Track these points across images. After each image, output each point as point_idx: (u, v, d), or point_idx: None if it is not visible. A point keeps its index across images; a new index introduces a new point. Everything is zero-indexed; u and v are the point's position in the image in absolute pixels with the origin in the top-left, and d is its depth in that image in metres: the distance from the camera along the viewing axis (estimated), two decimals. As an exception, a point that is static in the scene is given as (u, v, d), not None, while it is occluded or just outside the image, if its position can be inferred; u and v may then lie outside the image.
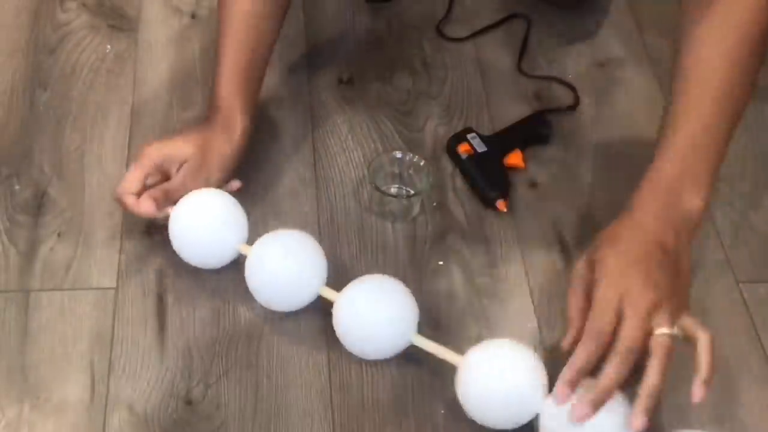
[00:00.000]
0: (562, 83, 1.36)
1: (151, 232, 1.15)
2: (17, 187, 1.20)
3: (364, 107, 1.32)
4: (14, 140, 1.26)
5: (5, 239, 1.15)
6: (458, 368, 0.99)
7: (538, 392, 0.96)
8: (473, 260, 1.16)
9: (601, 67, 1.39)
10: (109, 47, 1.39)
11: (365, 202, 1.21)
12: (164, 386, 1.03)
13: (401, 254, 1.16)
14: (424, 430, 1.02)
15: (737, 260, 1.18)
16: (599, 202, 1.22)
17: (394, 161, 1.21)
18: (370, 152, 1.27)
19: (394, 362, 1.06)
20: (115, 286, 1.11)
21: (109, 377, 1.04)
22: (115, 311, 1.09)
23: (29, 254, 1.14)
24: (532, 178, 1.25)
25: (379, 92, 1.35)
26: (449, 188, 1.23)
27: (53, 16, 1.42)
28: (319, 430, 1.01)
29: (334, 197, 1.22)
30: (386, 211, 1.19)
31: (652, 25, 1.45)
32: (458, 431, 1.02)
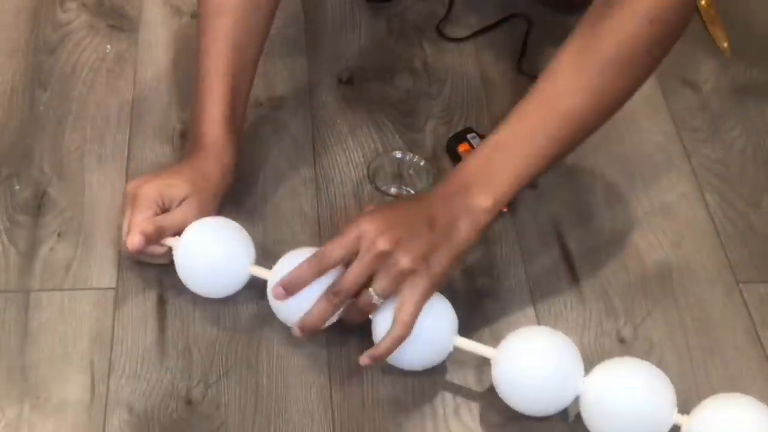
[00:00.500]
0: (562, 83, 1.36)
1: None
2: (17, 187, 1.20)
3: (364, 107, 1.32)
4: (14, 140, 1.26)
5: (5, 239, 1.15)
6: (494, 360, 1.00)
7: (579, 375, 0.98)
8: (473, 260, 1.16)
9: (601, 67, 1.39)
10: (109, 47, 1.39)
11: (365, 202, 1.21)
12: (164, 386, 1.03)
13: (401, 254, 1.16)
14: (424, 430, 1.02)
15: (737, 260, 1.18)
16: (599, 202, 1.22)
17: (394, 161, 1.21)
18: (370, 152, 1.27)
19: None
20: (115, 286, 1.11)
21: (109, 377, 1.03)
22: (115, 311, 1.09)
23: (29, 254, 1.14)
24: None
25: (379, 92, 1.35)
26: (449, 188, 1.23)
27: (53, 16, 1.42)
28: (319, 430, 1.01)
29: (334, 197, 1.22)
30: (386, 211, 1.19)
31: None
32: (458, 431, 1.02)
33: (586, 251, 1.17)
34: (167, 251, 1.08)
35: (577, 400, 0.99)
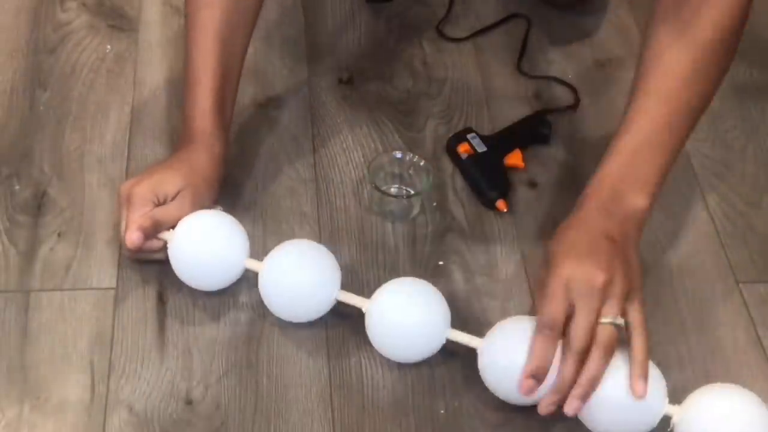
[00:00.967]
0: (562, 83, 1.36)
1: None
2: (17, 187, 1.20)
3: (364, 107, 1.32)
4: (14, 140, 1.26)
5: (5, 239, 1.15)
6: (479, 350, 1.00)
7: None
8: (473, 260, 1.16)
9: (601, 67, 1.39)
10: (109, 47, 1.39)
11: (365, 202, 1.21)
12: (164, 386, 1.03)
13: (401, 254, 1.16)
14: (424, 430, 1.02)
15: (737, 260, 1.18)
16: (599, 202, 1.22)
17: (394, 161, 1.21)
18: (370, 152, 1.27)
19: (394, 363, 1.06)
20: (115, 286, 1.11)
21: (109, 377, 1.04)
22: (115, 311, 1.09)
23: (29, 254, 1.14)
24: (531, 178, 1.25)
25: (379, 92, 1.35)
26: (449, 188, 1.23)
27: (53, 16, 1.42)
28: (319, 430, 1.01)
29: (334, 197, 1.22)
30: (386, 211, 1.19)
31: (652, 25, 1.45)
32: (458, 431, 1.02)
33: (586, 251, 1.17)
34: (164, 246, 1.08)
35: None
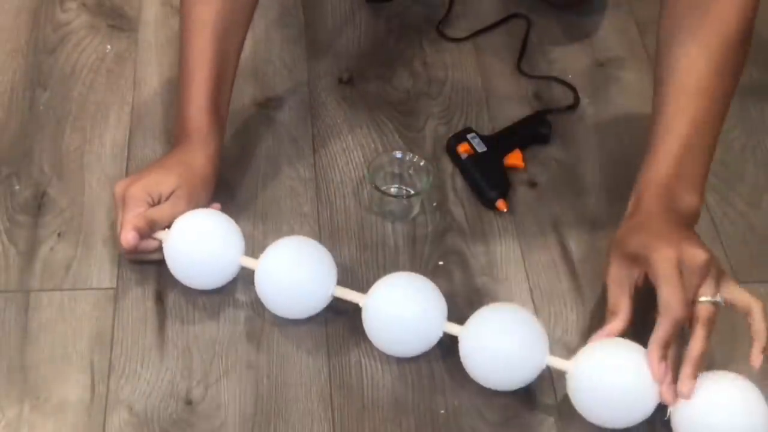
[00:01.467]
0: (562, 83, 1.36)
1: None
2: (17, 187, 1.20)
3: (364, 107, 1.32)
4: (14, 140, 1.26)
5: (5, 239, 1.15)
6: (460, 336, 1.02)
7: (544, 349, 1.00)
8: (473, 260, 1.16)
9: (601, 67, 1.39)
10: (109, 47, 1.39)
11: (365, 202, 1.21)
12: (164, 386, 1.03)
13: (401, 254, 1.16)
14: (424, 429, 1.02)
15: (737, 260, 1.18)
16: (599, 202, 1.22)
17: (394, 161, 1.21)
18: (370, 152, 1.27)
19: (394, 362, 1.06)
20: (115, 286, 1.11)
21: (109, 377, 1.04)
22: (115, 311, 1.09)
23: (29, 254, 1.14)
24: (531, 178, 1.25)
25: (379, 92, 1.35)
26: (449, 188, 1.23)
27: (53, 16, 1.42)
28: (319, 430, 1.01)
29: (334, 197, 1.22)
30: (386, 211, 1.19)
31: (652, 25, 1.44)
32: (458, 430, 1.02)
33: (586, 251, 1.17)
34: (160, 245, 1.08)
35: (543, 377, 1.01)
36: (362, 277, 1.13)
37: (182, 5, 1.17)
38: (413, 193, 1.20)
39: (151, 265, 1.12)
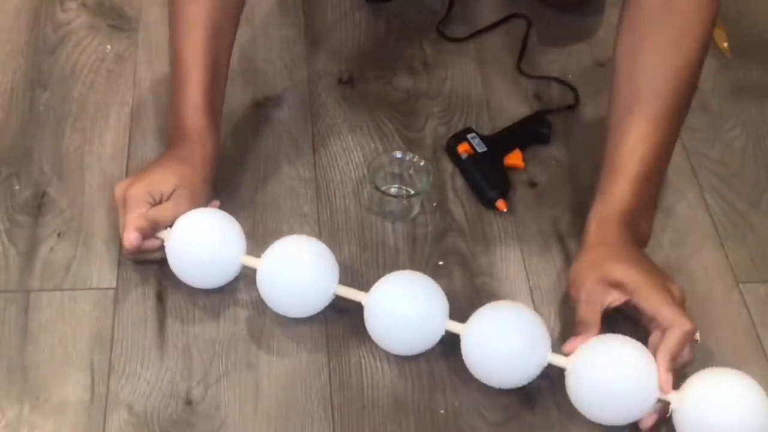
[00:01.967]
0: (562, 83, 1.36)
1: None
2: (17, 187, 1.20)
3: (364, 107, 1.32)
4: (14, 140, 1.26)
5: (5, 239, 1.15)
6: (462, 335, 1.02)
7: (546, 347, 1.01)
8: (473, 260, 1.16)
9: (601, 67, 1.39)
10: (109, 47, 1.39)
11: (365, 202, 1.21)
12: (164, 386, 1.03)
13: (401, 254, 1.16)
14: (424, 429, 1.02)
15: (737, 260, 1.18)
16: (599, 202, 1.22)
17: (394, 161, 1.21)
18: (370, 152, 1.27)
19: (394, 362, 1.06)
20: (115, 286, 1.11)
21: (109, 377, 1.04)
22: (115, 311, 1.09)
23: (29, 254, 1.14)
24: (531, 178, 1.25)
25: (379, 92, 1.35)
26: (449, 188, 1.23)
27: (53, 16, 1.42)
28: (319, 430, 1.01)
29: (334, 197, 1.22)
30: (386, 211, 1.19)
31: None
32: (458, 430, 1.02)
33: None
34: (162, 245, 1.08)
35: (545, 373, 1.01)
36: (362, 276, 1.13)
37: (171, 6, 1.17)
38: (413, 193, 1.20)
39: (151, 265, 1.12)
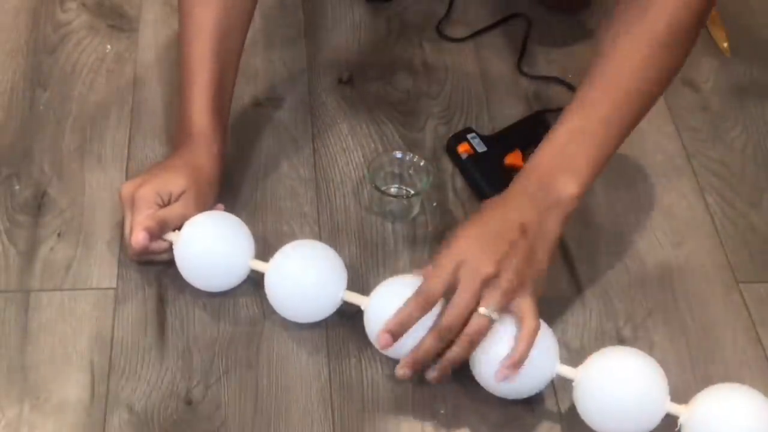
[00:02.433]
0: (562, 83, 1.36)
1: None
2: (17, 187, 1.20)
3: (364, 107, 1.32)
4: (14, 140, 1.26)
5: (5, 239, 1.15)
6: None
7: (554, 357, 1.00)
8: (473, 260, 1.16)
9: (601, 67, 1.39)
10: (109, 47, 1.39)
11: (365, 202, 1.21)
12: (164, 386, 1.03)
13: (401, 254, 1.16)
14: (424, 430, 1.02)
15: (737, 260, 1.18)
16: (599, 201, 1.22)
17: (394, 161, 1.21)
18: (370, 152, 1.27)
19: (393, 362, 1.05)
20: (115, 286, 1.11)
21: (109, 377, 1.04)
22: (115, 311, 1.09)
23: (29, 254, 1.14)
24: (532, 178, 1.25)
25: (379, 92, 1.35)
26: (449, 188, 1.23)
27: (53, 16, 1.42)
28: (319, 430, 1.01)
29: (334, 197, 1.22)
30: (386, 211, 1.19)
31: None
32: (458, 431, 1.02)
33: (586, 251, 1.17)
34: (169, 247, 1.08)
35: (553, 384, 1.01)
36: (362, 277, 1.13)
37: (181, 7, 1.17)
38: (413, 193, 1.20)
39: (152, 265, 1.12)
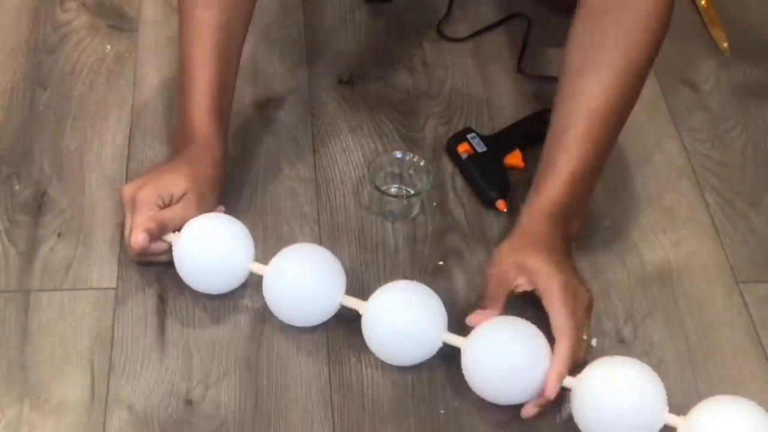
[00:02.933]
0: (562, 83, 1.36)
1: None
2: (17, 187, 1.20)
3: (364, 107, 1.32)
4: (14, 140, 1.26)
5: (5, 239, 1.15)
6: (463, 349, 1.01)
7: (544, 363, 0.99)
8: (473, 260, 1.16)
9: (601, 67, 1.39)
10: (109, 47, 1.39)
11: (365, 202, 1.21)
12: (164, 386, 1.03)
13: (401, 254, 1.16)
14: (424, 430, 1.02)
15: (737, 260, 1.18)
16: (598, 201, 1.22)
17: (394, 161, 1.21)
18: (370, 152, 1.27)
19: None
20: (115, 286, 1.11)
21: (109, 377, 1.04)
22: (115, 311, 1.09)
23: (29, 254, 1.14)
24: (531, 178, 1.24)
25: (379, 92, 1.35)
26: (449, 188, 1.23)
27: (53, 16, 1.42)
28: (319, 430, 1.01)
29: (334, 197, 1.22)
30: (386, 211, 1.19)
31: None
32: (458, 431, 1.02)
33: (586, 251, 1.17)
34: (169, 248, 1.08)
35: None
36: (362, 277, 1.13)
37: (181, 8, 1.17)
38: (413, 193, 1.20)
39: (152, 266, 1.12)
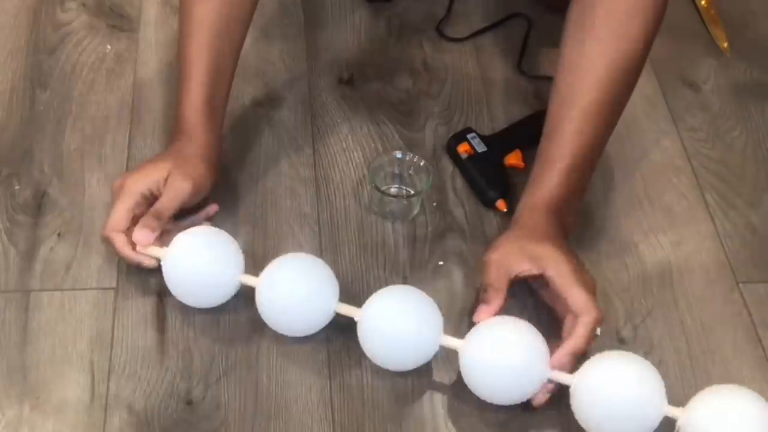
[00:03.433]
0: (562, 83, 1.36)
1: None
2: (17, 187, 1.20)
3: (364, 107, 1.32)
4: (14, 140, 1.26)
5: (5, 239, 1.15)
6: (461, 350, 1.00)
7: (544, 363, 1.00)
8: (473, 260, 1.16)
9: (601, 67, 1.39)
10: (109, 47, 1.39)
11: (365, 202, 1.21)
12: (164, 386, 1.03)
13: (401, 254, 1.16)
14: (424, 430, 1.02)
15: (737, 260, 1.18)
16: (599, 202, 1.22)
17: (394, 161, 1.21)
18: (370, 152, 1.27)
19: (394, 362, 1.06)
20: (115, 286, 1.11)
21: (109, 377, 1.04)
22: (115, 311, 1.09)
23: (29, 254, 1.14)
24: (532, 178, 1.25)
25: (379, 92, 1.35)
26: (449, 188, 1.23)
27: (53, 16, 1.42)
28: (319, 430, 1.01)
29: (334, 197, 1.22)
30: (386, 211, 1.19)
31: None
32: (458, 431, 1.02)
33: (585, 251, 1.17)
34: (158, 264, 1.08)
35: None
36: (362, 277, 1.13)
37: (181, 4, 1.17)
38: (413, 193, 1.20)
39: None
